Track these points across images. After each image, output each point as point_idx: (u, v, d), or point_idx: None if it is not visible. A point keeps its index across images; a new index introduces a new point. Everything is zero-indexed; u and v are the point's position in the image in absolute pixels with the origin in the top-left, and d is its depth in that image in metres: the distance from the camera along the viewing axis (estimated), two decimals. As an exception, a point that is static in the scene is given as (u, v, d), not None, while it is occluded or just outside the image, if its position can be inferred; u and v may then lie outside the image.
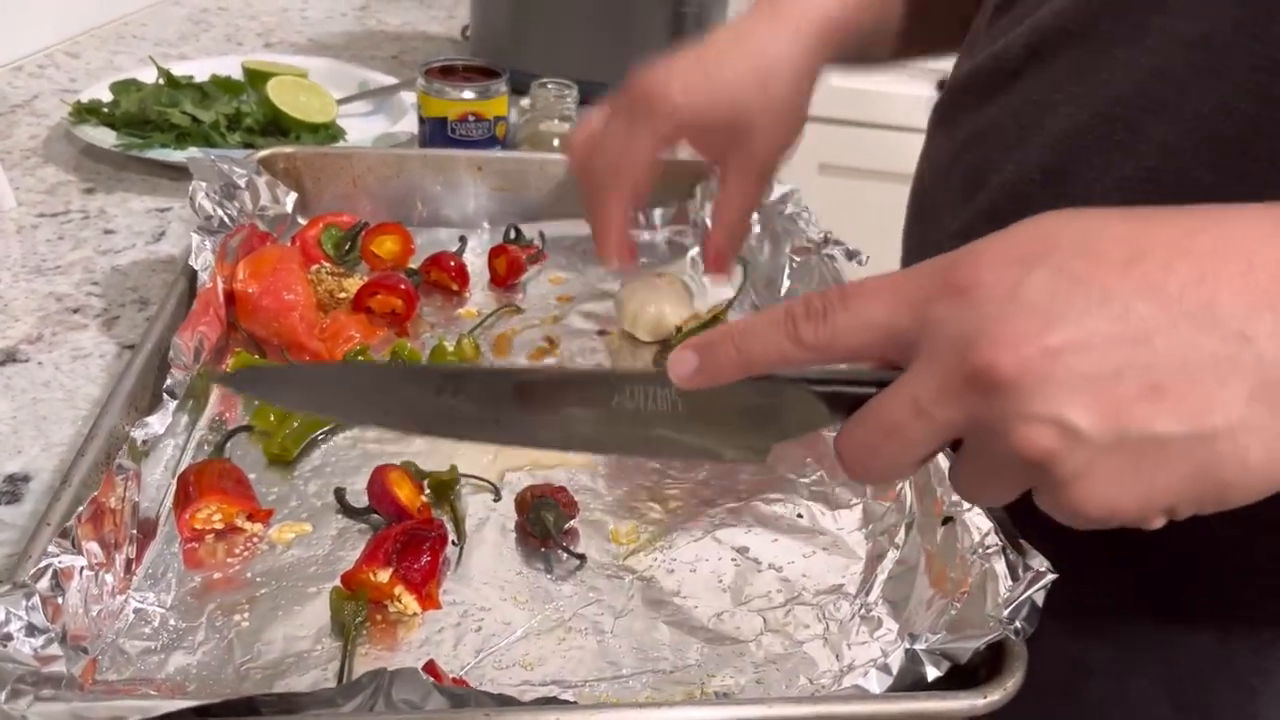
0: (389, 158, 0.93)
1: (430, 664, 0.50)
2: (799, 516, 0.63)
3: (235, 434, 0.65)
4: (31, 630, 0.44)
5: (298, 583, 0.56)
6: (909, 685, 0.47)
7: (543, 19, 1.21)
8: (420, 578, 0.54)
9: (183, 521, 0.57)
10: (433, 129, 1.00)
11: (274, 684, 0.50)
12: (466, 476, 0.63)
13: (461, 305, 0.84)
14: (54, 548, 0.47)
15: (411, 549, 0.55)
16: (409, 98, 1.13)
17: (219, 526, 0.58)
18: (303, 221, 0.89)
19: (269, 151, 0.89)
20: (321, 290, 0.78)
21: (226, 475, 0.60)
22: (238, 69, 1.18)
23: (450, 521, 0.60)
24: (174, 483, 0.60)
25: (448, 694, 0.44)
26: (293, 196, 0.88)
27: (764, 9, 0.67)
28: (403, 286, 0.78)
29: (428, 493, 0.62)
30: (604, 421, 0.44)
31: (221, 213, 0.76)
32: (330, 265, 0.83)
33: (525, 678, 0.51)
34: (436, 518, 0.59)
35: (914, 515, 0.58)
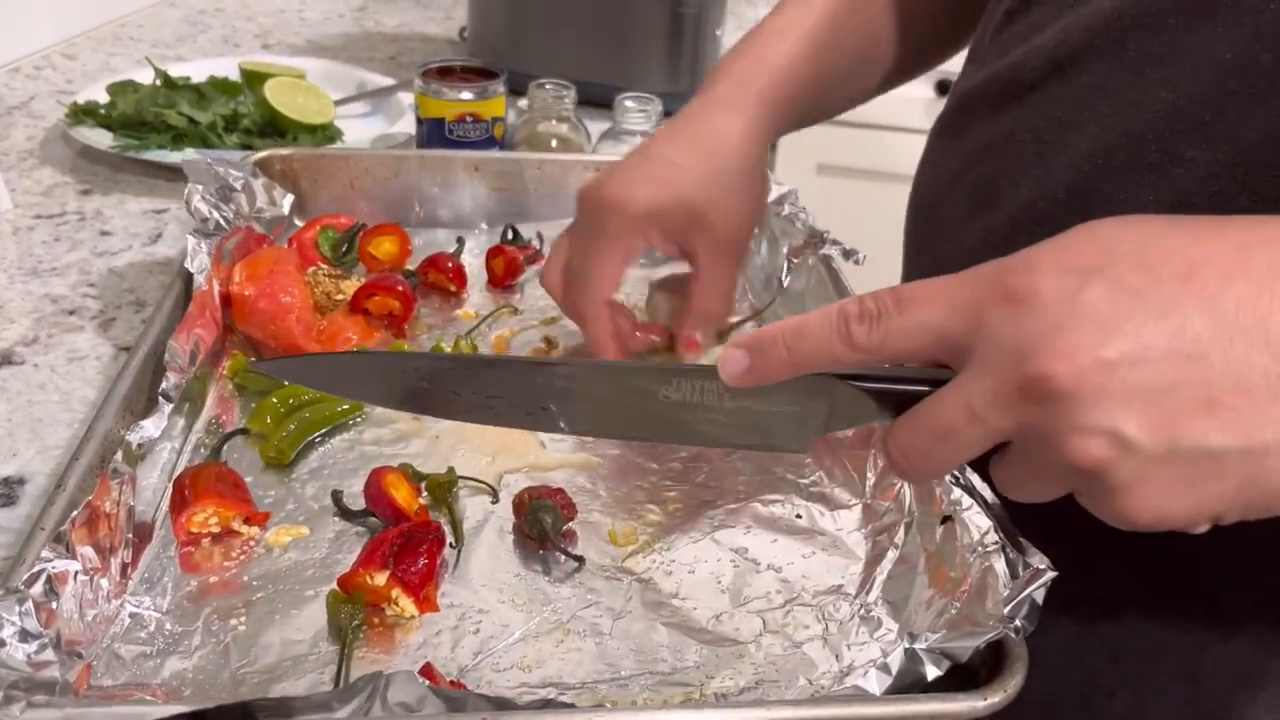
0: (386, 159, 0.92)
1: (427, 667, 0.50)
2: (798, 517, 0.63)
3: (231, 437, 0.65)
4: (25, 636, 0.44)
5: (294, 586, 0.55)
6: (909, 686, 0.47)
7: (540, 20, 1.21)
8: (418, 580, 0.54)
9: (179, 525, 0.57)
10: (430, 130, 1.00)
11: (270, 688, 0.49)
12: (464, 478, 0.63)
13: (459, 306, 0.84)
14: (48, 552, 0.47)
15: (409, 551, 0.55)
16: (406, 99, 1.13)
17: (215, 530, 0.58)
18: (299, 223, 0.88)
19: (265, 153, 0.88)
20: (318, 292, 0.78)
21: (223, 478, 0.59)
22: (235, 70, 1.18)
23: (448, 524, 0.60)
24: (170, 486, 0.60)
25: (445, 697, 0.44)
26: (289, 198, 0.88)
27: (703, 98, 0.68)
28: (400, 288, 0.78)
29: (425, 495, 0.61)
30: (651, 413, 0.45)
31: (218, 215, 0.76)
32: (327, 267, 0.82)
33: (523, 680, 0.51)
34: (434, 520, 0.59)
35: (913, 515, 0.58)
